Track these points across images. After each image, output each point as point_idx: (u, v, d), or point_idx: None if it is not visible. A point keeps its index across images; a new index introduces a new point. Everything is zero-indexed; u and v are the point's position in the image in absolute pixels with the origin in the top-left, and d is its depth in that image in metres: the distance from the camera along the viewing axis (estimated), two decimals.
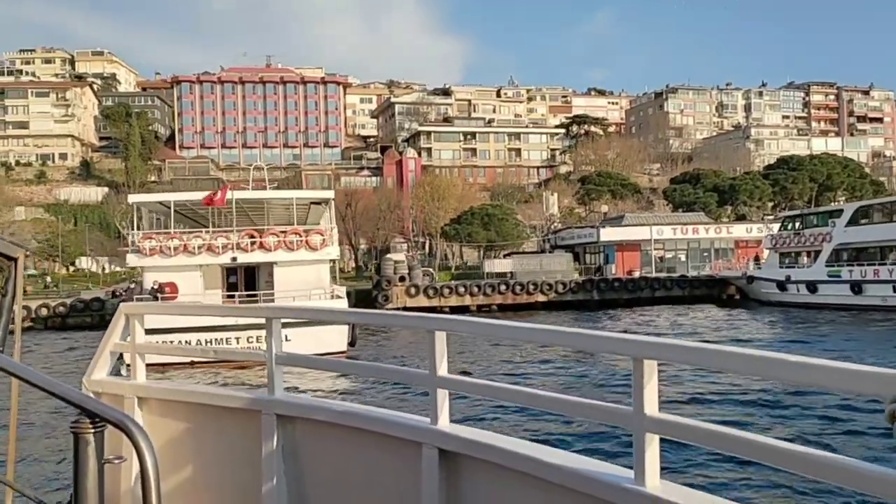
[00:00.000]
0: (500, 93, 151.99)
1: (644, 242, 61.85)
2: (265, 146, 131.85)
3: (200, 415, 4.23)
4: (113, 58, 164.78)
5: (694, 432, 2.21)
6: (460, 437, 3.08)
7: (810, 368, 1.78)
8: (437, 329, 3.16)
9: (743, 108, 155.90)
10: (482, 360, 24.44)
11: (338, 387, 19.75)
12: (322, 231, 25.69)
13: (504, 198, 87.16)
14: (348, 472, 3.66)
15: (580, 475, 2.56)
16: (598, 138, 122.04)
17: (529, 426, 14.14)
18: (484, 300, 54.15)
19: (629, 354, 2.36)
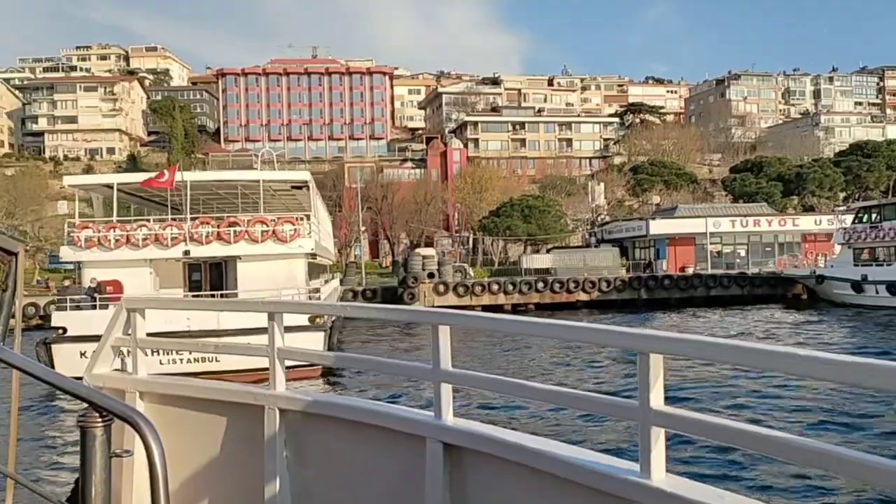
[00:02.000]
0: (553, 82, 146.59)
1: (699, 236, 56.39)
2: (310, 139, 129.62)
3: (203, 410, 4.19)
4: (167, 53, 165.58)
5: (699, 426, 2.21)
6: (464, 431, 3.07)
7: (819, 362, 1.77)
8: (441, 323, 3.12)
9: (812, 95, 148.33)
10: (509, 360, 23.99)
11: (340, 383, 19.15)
12: (292, 220, 21.72)
13: (552, 190, 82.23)
14: (351, 467, 3.62)
15: (586, 469, 2.55)
16: (655, 127, 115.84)
17: (535, 421, 14.14)
18: (520, 299, 49.76)
19: (635, 348, 2.36)
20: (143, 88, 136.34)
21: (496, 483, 2.98)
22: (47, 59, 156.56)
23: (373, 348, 30.58)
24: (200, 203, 26.60)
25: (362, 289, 51.81)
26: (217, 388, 4.29)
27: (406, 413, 3.44)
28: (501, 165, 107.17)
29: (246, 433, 4.01)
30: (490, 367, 22.41)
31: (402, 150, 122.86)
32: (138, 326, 4.34)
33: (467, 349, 26.13)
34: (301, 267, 21.62)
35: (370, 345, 32.07)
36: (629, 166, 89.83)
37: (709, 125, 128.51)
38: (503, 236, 63.37)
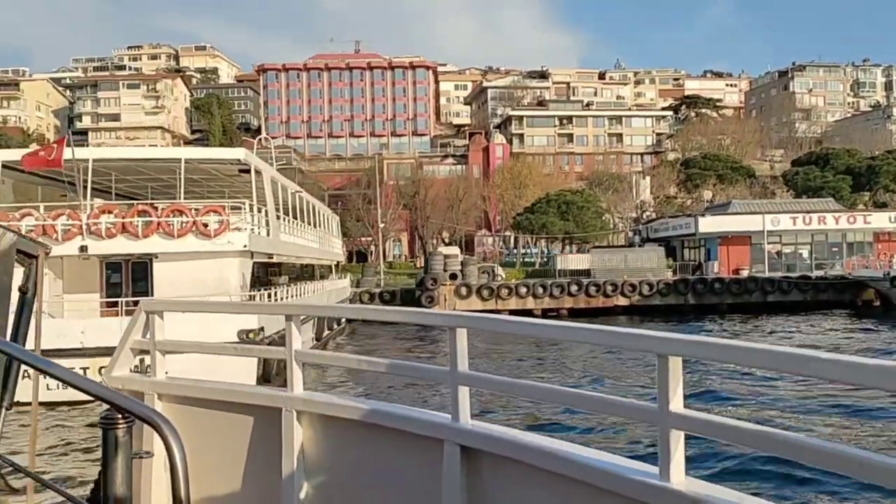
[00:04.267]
0: (604, 75, 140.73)
1: (755, 235, 50.66)
2: (352, 135, 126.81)
3: (220, 412, 4.23)
4: (215, 52, 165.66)
5: (719, 429, 2.21)
6: (482, 433, 3.07)
7: (845, 366, 1.76)
8: (458, 326, 3.14)
9: (883, 87, 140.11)
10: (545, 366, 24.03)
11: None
12: (219, 209, 17.49)
13: (598, 186, 76.98)
14: (369, 470, 3.63)
15: (604, 472, 2.54)
16: (711, 121, 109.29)
17: (554, 424, 13.97)
18: (551, 303, 45.13)
19: (653, 351, 2.34)
20: (186, 86, 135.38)
21: (514, 486, 2.97)
22: (99, 59, 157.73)
23: (391, 352, 29.94)
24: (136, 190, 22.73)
25: (380, 291, 47.84)
26: (235, 390, 4.31)
27: (423, 415, 3.40)
28: (547, 161, 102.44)
29: (263, 435, 4.00)
30: (526, 373, 22.21)
31: (445, 146, 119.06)
32: (157, 328, 4.38)
33: (499, 355, 26.05)
34: (234, 268, 17.45)
35: (388, 349, 31.52)
36: (682, 161, 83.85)
37: (770, 119, 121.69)
38: (538, 234, 58.48)
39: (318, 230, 32.10)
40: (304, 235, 27.26)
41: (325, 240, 35.19)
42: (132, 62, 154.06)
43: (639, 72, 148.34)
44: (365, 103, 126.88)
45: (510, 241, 77.89)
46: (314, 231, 30.48)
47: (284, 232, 22.76)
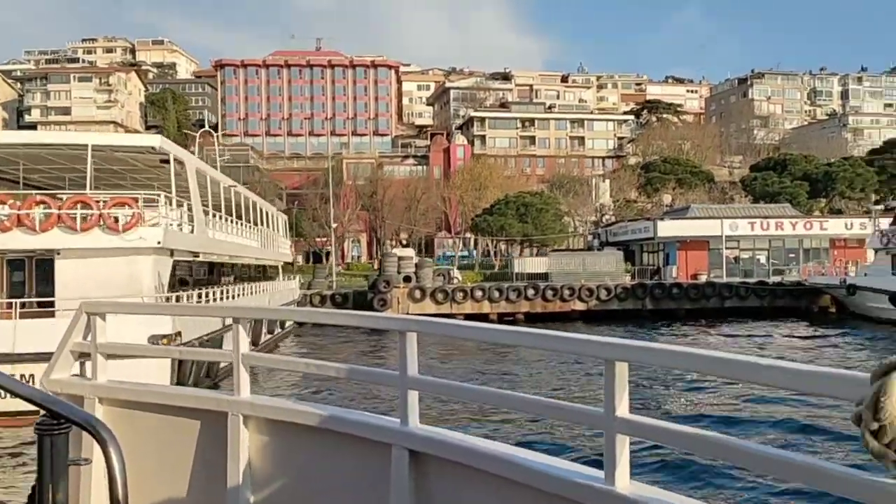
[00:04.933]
0: (567, 79, 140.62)
1: (713, 240, 50.17)
2: (311, 134, 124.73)
3: (165, 416, 4.15)
4: (173, 47, 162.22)
5: (665, 433, 2.27)
6: (430, 438, 3.08)
7: (782, 371, 1.80)
8: (408, 330, 3.14)
9: (839, 96, 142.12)
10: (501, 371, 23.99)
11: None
12: (129, 201, 15.90)
13: (560, 189, 76.22)
14: (317, 475, 3.60)
15: (550, 476, 2.56)
16: (672, 126, 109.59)
17: (502, 429, 14.19)
18: (507, 308, 44.00)
19: (600, 356, 2.36)
20: (141, 80, 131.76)
21: (461, 490, 2.97)
22: (53, 51, 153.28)
23: (341, 356, 29.20)
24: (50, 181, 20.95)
25: (332, 293, 46.28)
26: (179, 394, 4.26)
27: (372, 419, 3.40)
28: (509, 163, 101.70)
29: (209, 440, 3.94)
30: (478, 378, 22.18)
31: (406, 147, 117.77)
32: (98, 331, 4.29)
33: (451, 360, 25.84)
34: (147, 267, 15.85)
35: (337, 353, 30.76)
36: (642, 165, 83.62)
37: (730, 126, 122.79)
38: (497, 236, 57.41)
39: (259, 229, 30.48)
40: (241, 234, 25.69)
41: (270, 239, 33.55)
42: (86, 55, 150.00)
43: (601, 76, 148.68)
44: (325, 102, 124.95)
45: (470, 243, 76.88)
46: (255, 229, 28.85)
47: (215, 229, 21.22)
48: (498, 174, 79.10)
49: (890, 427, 1.26)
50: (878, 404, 1.25)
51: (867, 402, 1.28)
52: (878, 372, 1.31)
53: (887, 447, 1.29)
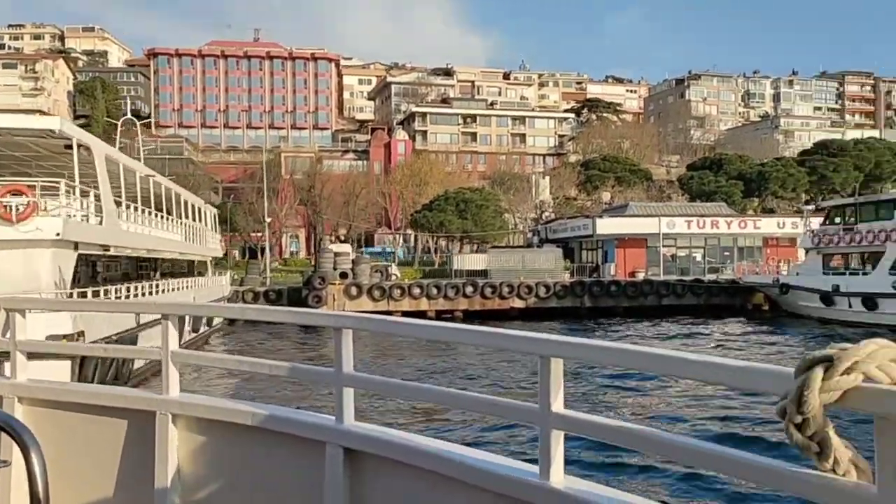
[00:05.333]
0: (509, 76, 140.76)
1: (651, 237, 50.44)
2: (249, 126, 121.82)
3: (89, 416, 4.02)
4: (105, 34, 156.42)
5: (599, 429, 2.29)
6: (365, 435, 3.07)
7: (710, 366, 1.86)
8: (344, 327, 3.13)
9: (771, 98, 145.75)
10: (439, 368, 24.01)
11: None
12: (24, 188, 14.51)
13: (500, 186, 75.88)
14: (248, 473, 3.53)
15: (485, 472, 2.57)
16: (612, 125, 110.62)
17: (439, 426, 14.23)
18: (445, 305, 43.34)
19: (535, 353, 2.38)
20: (69, 68, 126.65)
21: (397, 487, 2.97)
22: None
23: (275, 354, 29.03)
24: None
25: (265, 289, 44.84)
26: (104, 392, 4.14)
27: (306, 417, 3.37)
28: (450, 159, 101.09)
29: (136, 440, 3.83)
30: (415, 375, 22.01)
31: (346, 141, 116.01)
32: (18, 328, 4.20)
33: (387, 358, 25.45)
34: (46, 261, 14.53)
35: (270, 352, 30.28)
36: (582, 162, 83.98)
37: (668, 126, 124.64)
38: (436, 233, 56.65)
39: (185, 222, 28.98)
40: (162, 227, 24.24)
41: (198, 233, 32.02)
42: (13, 41, 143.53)
43: (543, 74, 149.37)
44: (263, 94, 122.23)
45: (411, 239, 75.97)
46: (179, 223, 27.38)
47: (130, 221, 19.84)
48: (439, 170, 78.35)
49: (813, 420, 1.32)
50: (801, 398, 1.31)
51: (791, 396, 1.34)
52: (801, 367, 1.36)
53: (810, 439, 1.34)
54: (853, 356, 1.31)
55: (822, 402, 1.32)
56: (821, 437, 1.34)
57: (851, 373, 1.31)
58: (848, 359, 1.31)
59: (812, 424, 1.33)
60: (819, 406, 1.32)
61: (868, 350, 1.32)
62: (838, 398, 1.33)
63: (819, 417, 1.33)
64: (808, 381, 1.32)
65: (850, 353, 1.32)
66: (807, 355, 1.36)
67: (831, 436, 1.35)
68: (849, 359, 1.31)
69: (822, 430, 1.34)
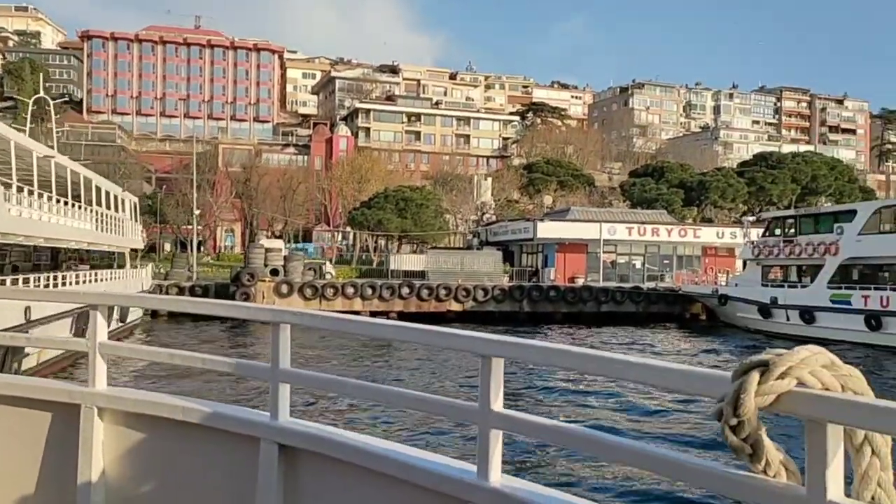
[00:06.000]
0: (456, 76, 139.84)
1: (592, 243, 49.88)
2: (187, 116, 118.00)
3: (7, 407, 3.84)
4: (38, 15, 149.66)
5: (537, 428, 2.31)
6: (301, 431, 3.04)
7: (650, 369, 1.89)
8: (282, 322, 3.09)
9: (712, 110, 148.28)
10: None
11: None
12: None
13: (443, 187, 74.66)
14: (179, 470, 3.48)
15: (423, 470, 2.58)
16: (556, 130, 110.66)
17: (380, 424, 14.22)
18: (380, 306, 41.85)
19: (476, 352, 2.38)
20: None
21: (332, 484, 2.96)
22: None
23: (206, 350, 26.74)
24: None
25: (191, 285, 42.63)
26: (25, 384, 3.95)
27: (240, 413, 3.32)
28: (393, 158, 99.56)
29: (59, 435, 3.69)
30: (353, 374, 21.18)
31: (287, 135, 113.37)
32: None
33: (323, 358, 24.90)
34: None
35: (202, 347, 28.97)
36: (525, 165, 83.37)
37: (611, 133, 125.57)
38: (374, 231, 55.04)
39: (98, 210, 26.74)
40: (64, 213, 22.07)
41: (114, 222, 29.74)
42: None
43: (489, 76, 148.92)
44: (203, 83, 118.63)
45: (350, 237, 74.14)
46: (87, 210, 25.16)
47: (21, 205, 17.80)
48: (380, 167, 76.75)
49: (748, 422, 1.35)
50: (738, 401, 1.34)
51: (728, 399, 1.37)
52: (738, 371, 1.39)
53: (744, 441, 1.37)
54: (787, 362, 1.35)
55: (757, 406, 1.35)
56: (754, 440, 1.38)
57: (785, 377, 1.35)
58: (783, 364, 1.34)
59: (746, 427, 1.36)
60: (754, 409, 1.35)
61: (801, 356, 1.36)
62: (772, 402, 1.36)
63: (753, 420, 1.36)
64: (745, 385, 1.35)
65: (785, 358, 1.36)
66: (744, 360, 1.37)
67: (764, 438, 1.39)
68: (783, 364, 1.34)
69: (755, 432, 1.38)
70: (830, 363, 1.37)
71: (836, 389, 1.38)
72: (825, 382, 1.36)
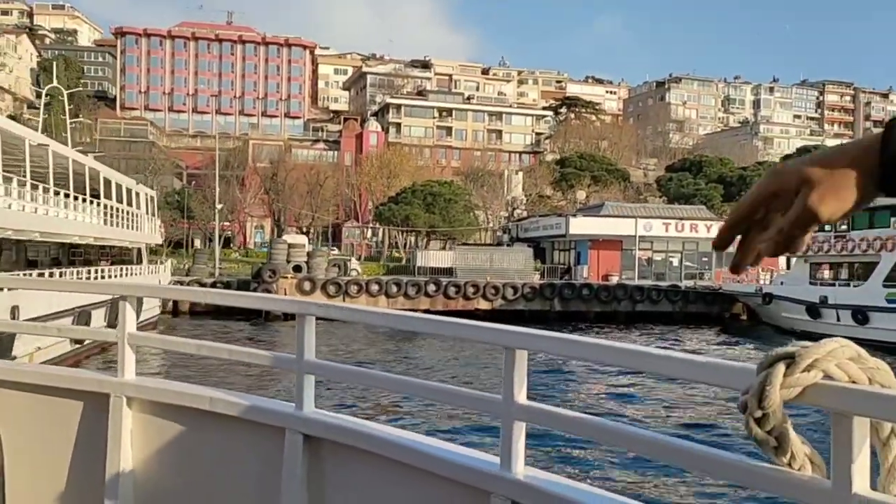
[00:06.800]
0: (488, 71, 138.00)
1: (627, 239, 47.92)
2: (219, 112, 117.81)
3: (39, 397, 3.87)
4: (75, 13, 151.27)
5: (560, 420, 2.32)
6: (325, 422, 3.06)
7: (674, 361, 1.88)
8: (308, 313, 3.11)
9: (751, 105, 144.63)
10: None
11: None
12: None
13: (474, 182, 73.07)
14: (205, 460, 3.50)
15: (446, 461, 2.58)
16: (590, 125, 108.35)
17: (405, 416, 14.45)
18: (405, 304, 40.42)
19: (500, 344, 2.38)
20: (33, 44, 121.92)
21: (356, 474, 2.97)
22: None
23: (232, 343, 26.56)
24: None
25: (213, 281, 41.64)
26: (56, 373, 3.97)
27: (265, 403, 3.34)
28: (424, 153, 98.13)
29: (89, 424, 3.73)
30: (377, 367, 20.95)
31: (318, 131, 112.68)
32: None
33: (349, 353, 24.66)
34: None
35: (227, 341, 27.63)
36: (557, 160, 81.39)
37: (647, 128, 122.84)
38: (401, 227, 53.62)
39: (108, 204, 25.55)
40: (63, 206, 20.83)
41: (125, 217, 28.55)
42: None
43: (522, 71, 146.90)
44: (234, 79, 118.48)
45: (379, 233, 72.97)
46: (91, 204, 23.94)
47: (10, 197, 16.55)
48: (410, 163, 75.31)
49: (772, 415, 1.35)
50: (762, 393, 1.34)
51: (753, 391, 1.36)
52: (764, 363, 1.38)
53: (769, 434, 1.36)
54: (814, 354, 1.34)
55: (783, 398, 1.34)
56: (779, 433, 1.37)
57: (812, 370, 1.34)
58: (809, 356, 1.33)
59: (771, 419, 1.35)
60: (779, 402, 1.34)
61: (828, 348, 1.34)
62: (798, 394, 1.35)
63: (778, 413, 1.35)
64: (770, 377, 1.34)
65: (811, 350, 1.34)
66: (769, 352, 1.34)
67: (789, 431, 1.38)
68: (810, 356, 1.33)
69: (780, 425, 1.37)
70: (857, 356, 1.36)
71: (862, 382, 1.36)
72: (852, 375, 1.35)
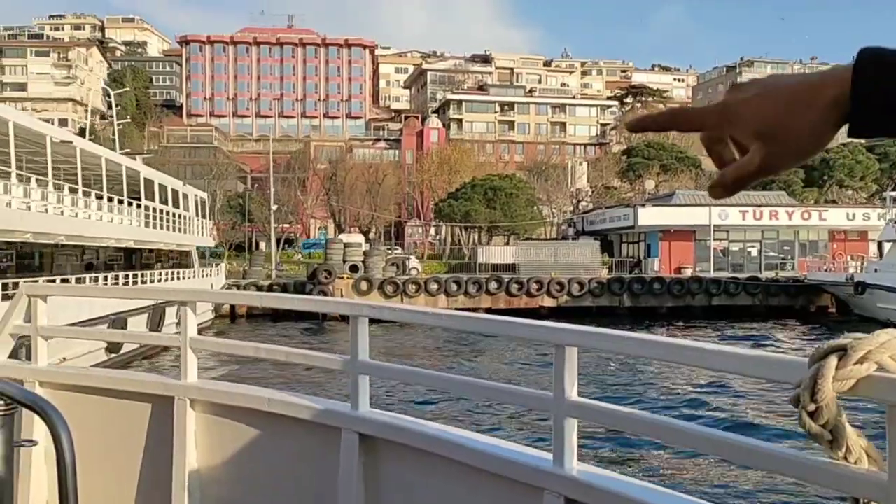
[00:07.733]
0: (550, 63, 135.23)
1: (700, 229, 45.13)
2: (281, 115, 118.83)
3: (108, 399, 4.04)
4: (144, 25, 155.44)
5: (611, 416, 2.33)
6: (380, 421, 3.12)
7: (726, 356, 1.89)
8: (360, 315, 3.17)
9: None
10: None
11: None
12: None
13: (537, 176, 70.98)
14: (264, 459, 3.58)
15: (500, 459, 2.61)
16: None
17: (457, 415, 14.50)
18: (466, 302, 38.80)
19: (550, 341, 2.41)
20: (104, 56, 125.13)
21: (411, 473, 3.02)
22: (19, 27, 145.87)
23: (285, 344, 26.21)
24: None
25: (269, 283, 40.85)
26: (123, 377, 4.22)
27: (321, 404, 3.42)
28: (486, 149, 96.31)
29: (155, 426, 3.87)
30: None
31: (379, 130, 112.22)
32: (39, 313, 4.20)
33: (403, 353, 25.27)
34: None
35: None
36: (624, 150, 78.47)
37: None
38: (462, 223, 52.01)
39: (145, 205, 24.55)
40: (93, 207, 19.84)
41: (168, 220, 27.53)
42: (54, 32, 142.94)
43: (586, 62, 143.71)
44: (296, 82, 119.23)
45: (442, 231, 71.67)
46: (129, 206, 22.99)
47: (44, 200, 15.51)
48: (471, 158, 73.65)
49: (826, 408, 1.32)
50: (815, 386, 1.32)
51: (805, 385, 1.34)
52: (816, 356, 1.37)
53: (822, 427, 1.33)
54: (867, 346, 1.32)
55: (835, 391, 1.31)
56: (833, 426, 1.33)
57: (864, 362, 1.32)
58: (861, 348, 1.31)
59: (825, 413, 1.32)
60: (832, 395, 1.31)
61: (881, 340, 1.32)
62: (851, 387, 1.34)
63: (832, 406, 1.32)
64: (822, 370, 1.32)
65: (864, 342, 1.32)
66: (821, 345, 1.34)
67: (844, 424, 1.34)
68: (862, 348, 1.31)
69: (834, 418, 1.34)
70: None
71: None
72: None
